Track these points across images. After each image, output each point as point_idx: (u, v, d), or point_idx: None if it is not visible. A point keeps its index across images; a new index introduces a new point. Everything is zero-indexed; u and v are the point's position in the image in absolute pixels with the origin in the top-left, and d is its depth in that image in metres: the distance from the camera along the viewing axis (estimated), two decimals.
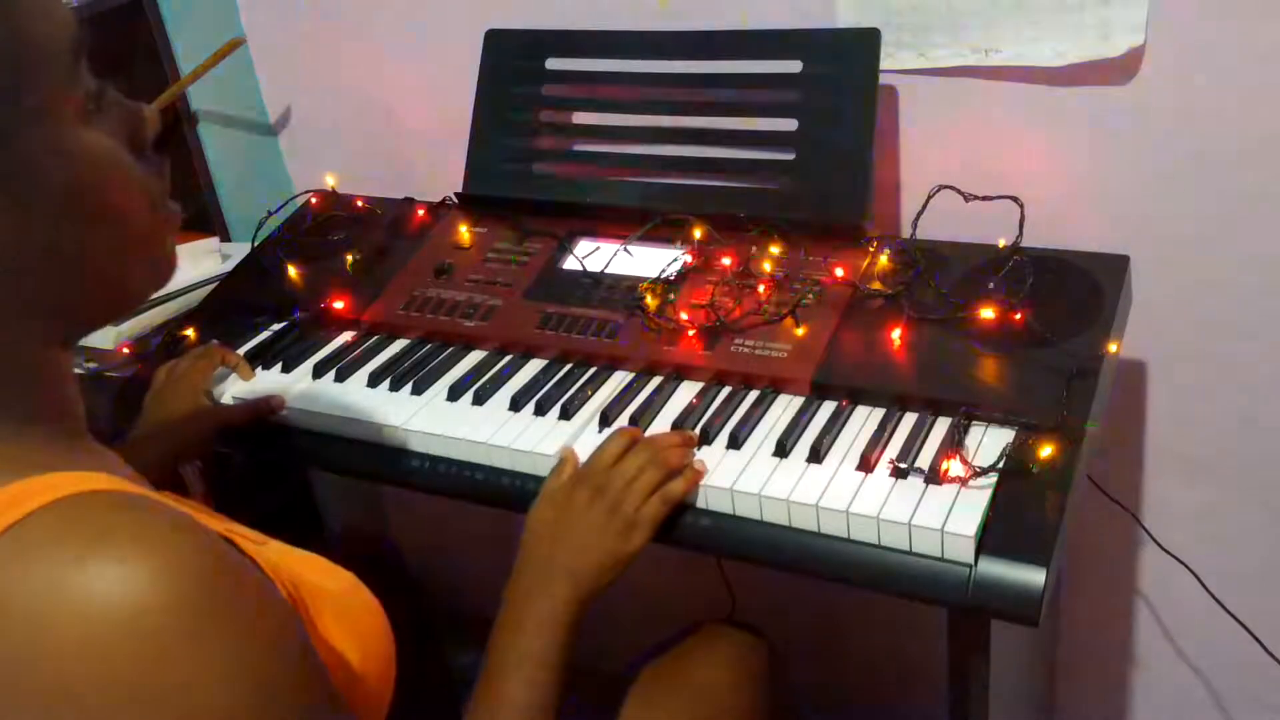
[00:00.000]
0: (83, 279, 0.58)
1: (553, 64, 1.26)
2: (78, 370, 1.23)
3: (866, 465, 0.89)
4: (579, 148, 1.28)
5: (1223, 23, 1.02)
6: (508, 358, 1.11)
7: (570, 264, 1.16)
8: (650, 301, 1.08)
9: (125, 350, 1.26)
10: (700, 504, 0.90)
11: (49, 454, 0.56)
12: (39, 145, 0.54)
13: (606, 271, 1.14)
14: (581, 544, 0.85)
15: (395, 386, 1.09)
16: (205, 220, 1.55)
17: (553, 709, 0.79)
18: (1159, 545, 1.24)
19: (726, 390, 1.01)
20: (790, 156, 1.14)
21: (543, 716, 0.78)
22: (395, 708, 0.69)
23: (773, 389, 1.00)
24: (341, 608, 0.64)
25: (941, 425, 0.92)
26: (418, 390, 1.07)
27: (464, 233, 1.23)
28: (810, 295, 1.03)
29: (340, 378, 1.11)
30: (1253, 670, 1.27)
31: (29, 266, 0.55)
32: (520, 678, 0.79)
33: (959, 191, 1.02)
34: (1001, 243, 1.02)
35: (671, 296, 1.08)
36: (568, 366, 1.08)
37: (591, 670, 1.01)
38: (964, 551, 0.81)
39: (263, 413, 1.07)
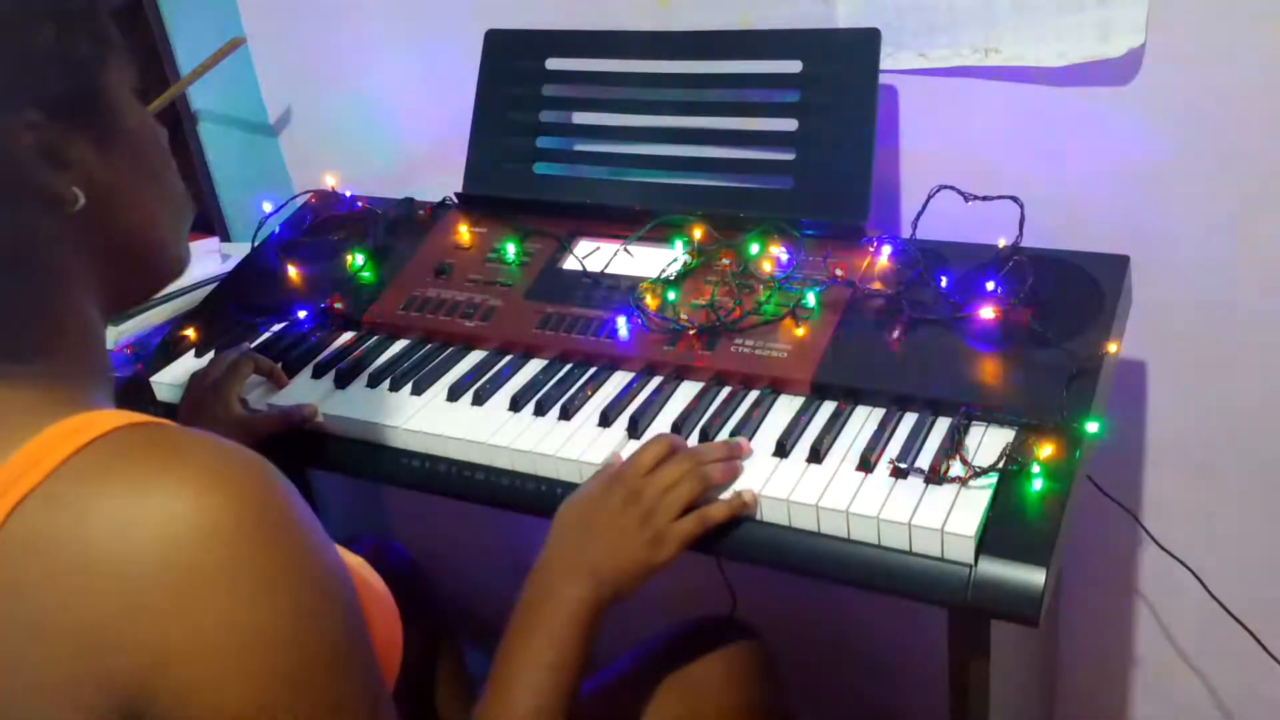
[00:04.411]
0: (135, 238, 0.65)
1: (553, 64, 1.26)
2: None
3: (866, 465, 0.89)
4: (579, 148, 1.28)
5: (1222, 23, 1.02)
6: (508, 358, 1.11)
7: (570, 264, 1.16)
8: (650, 301, 1.08)
9: (126, 350, 1.26)
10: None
11: (104, 397, 0.63)
12: (119, 100, 0.63)
13: (606, 271, 1.14)
14: (609, 546, 0.83)
15: (395, 387, 1.09)
16: (205, 220, 1.56)
17: (564, 716, 0.77)
18: (1159, 545, 1.24)
19: (726, 390, 1.01)
20: (790, 156, 1.14)
21: None
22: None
23: (773, 389, 1.00)
24: (359, 579, 0.65)
25: (941, 425, 0.92)
26: (418, 390, 1.07)
27: (464, 233, 1.23)
28: (810, 295, 1.03)
29: (340, 378, 1.11)
30: (1253, 670, 1.27)
31: (100, 215, 0.61)
32: (532, 682, 0.77)
33: (959, 191, 1.02)
34: (1001, 243, 1.01)
35: (671, 296, 1.09)
36: (568, 366, 1.08)
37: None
38: (964, 552, 0.81)
39: (295, 421, 1.05)
